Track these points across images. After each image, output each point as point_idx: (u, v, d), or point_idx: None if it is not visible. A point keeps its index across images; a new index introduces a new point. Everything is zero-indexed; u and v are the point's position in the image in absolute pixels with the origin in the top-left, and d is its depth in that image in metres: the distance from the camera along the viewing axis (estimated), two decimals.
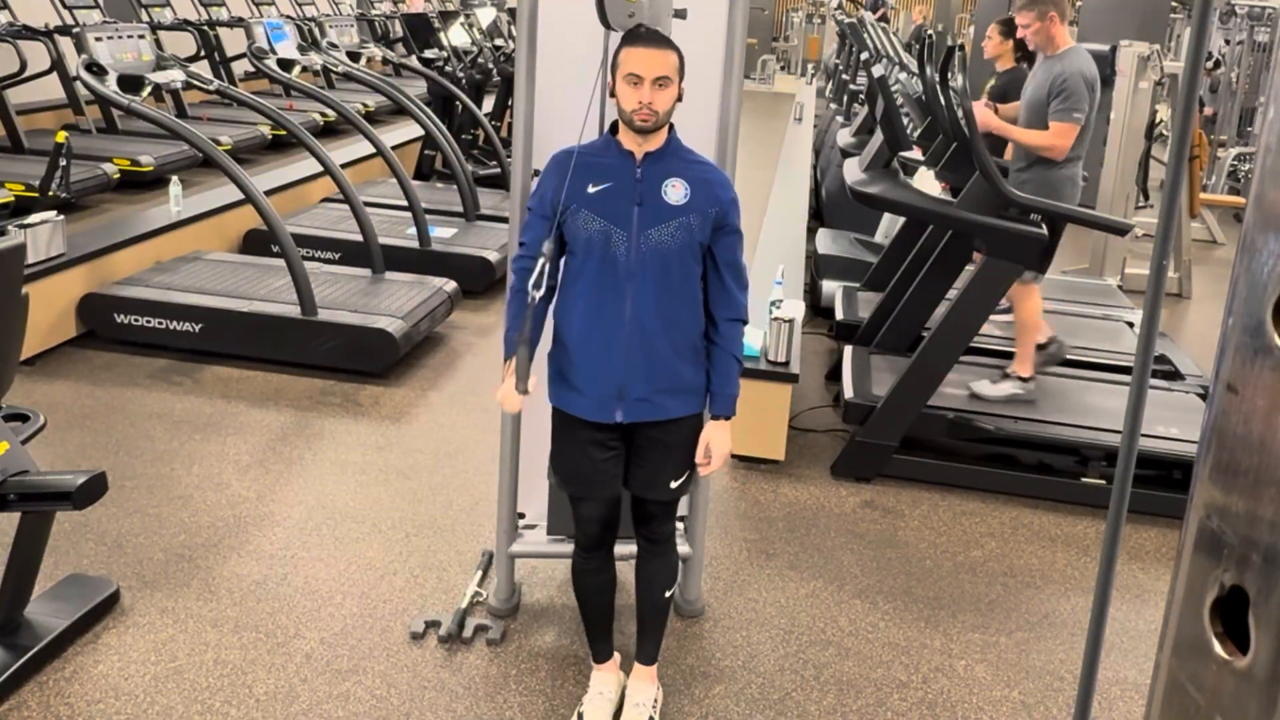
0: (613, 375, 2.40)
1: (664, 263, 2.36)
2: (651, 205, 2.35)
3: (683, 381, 2.44)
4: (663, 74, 2.27)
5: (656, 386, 2.41)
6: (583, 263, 2.38)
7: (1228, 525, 1.02)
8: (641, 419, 2.44)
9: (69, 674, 2.77)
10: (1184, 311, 7.16)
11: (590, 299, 2.38)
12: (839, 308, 5.46)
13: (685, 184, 2.37)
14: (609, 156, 2.40)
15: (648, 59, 2.27)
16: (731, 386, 2.47)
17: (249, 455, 4.06)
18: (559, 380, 2.48)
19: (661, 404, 2.44)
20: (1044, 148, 4.25)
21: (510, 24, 10.67)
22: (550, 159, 2.47)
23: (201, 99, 9.77)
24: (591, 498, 2.55)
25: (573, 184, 2.36)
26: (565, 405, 2.48)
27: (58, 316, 4.96)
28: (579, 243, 2.38)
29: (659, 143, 2.38)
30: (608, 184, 2.36)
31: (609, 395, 2.41)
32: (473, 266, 6.17)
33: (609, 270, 2.36)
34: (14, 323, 2.76)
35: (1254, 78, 12.22)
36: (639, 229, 2.34)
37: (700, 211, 2.36)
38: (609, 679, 2.76)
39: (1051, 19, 4.30)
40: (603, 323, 2.38)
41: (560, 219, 2.38)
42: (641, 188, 2.36)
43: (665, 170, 2.38)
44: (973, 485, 4.16)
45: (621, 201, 2.35)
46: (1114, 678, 3.07)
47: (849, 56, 9.74)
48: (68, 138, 6.33)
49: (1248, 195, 1.05)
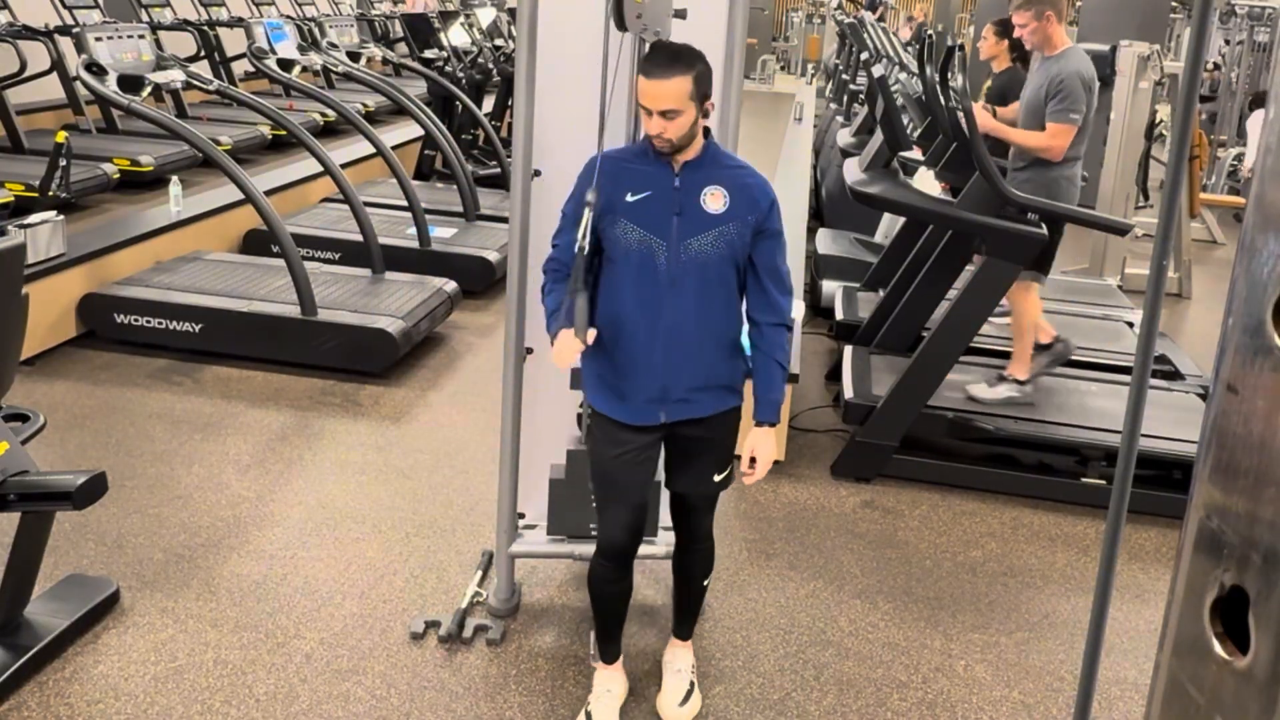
0: (654, 379, 2.41)
1: (703, 271, 2.36)
2: (691, 214, 2.34)
3: (722, 378, 2.47)
4: (669, 107, 2.25)
5: (696, 385, 2.43)
6: (622, 271, 2.38)
7: (1228, 525, 1.02)
8: (684, 417, 2.46)
9: (69, 674, 2.77)
10: (1184, 311, 7.16)
11: (630, 307, 2.38)
12: (839, 308, 5.46)
13: (724, 192, 2.36)
14: (647, 164, 2.39)
15: (653, 92, 2.25)
16: (775, 392, 2.47)
17: (249, 455, 4.06)
18: (600, 386, 2.49)
19: (702, 401, 2.46)
20: (1041, 149, 4.25)
21: (510, 24, 10.67)
22: (587, 163, 2.45)
23: (201, 99, 9.76)
24: (627, 502, 2.55)
25: (611, 190, 2.36)
26: (609, 410, 2.48)
27: (58, 316, 4.96)
28: (618, 251, 2.37)
29: (696, 152, 2.37)
30: (647, 193, 2.36)
31: (652, 398, 2.43)
32: (473, 266, 6.17)
33: (648, 279, 2.36)
34: (14, 323, 2.76)
35: (1254, 78, 12.22)
36: (679, 238, 2.34)
37: (740, 219, 2.36)
38: (616, 678, 2.78)
39: (1049, 18, 4.30)
40: (643, 329, 2.38)
41: (598, 226, 2.37)
42: (680, 196, 2.35)
43: (704, 179, 2.36)
44: (973, 485, 4.16)
45: (661, 211, 2.34)
46: (1114, 678, 3.07)
47: (849, 56, 9.74)
48: (68, 138, 6.33)
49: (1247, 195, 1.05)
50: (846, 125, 7.40)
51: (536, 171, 2.89)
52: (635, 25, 2.54)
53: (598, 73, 2.76)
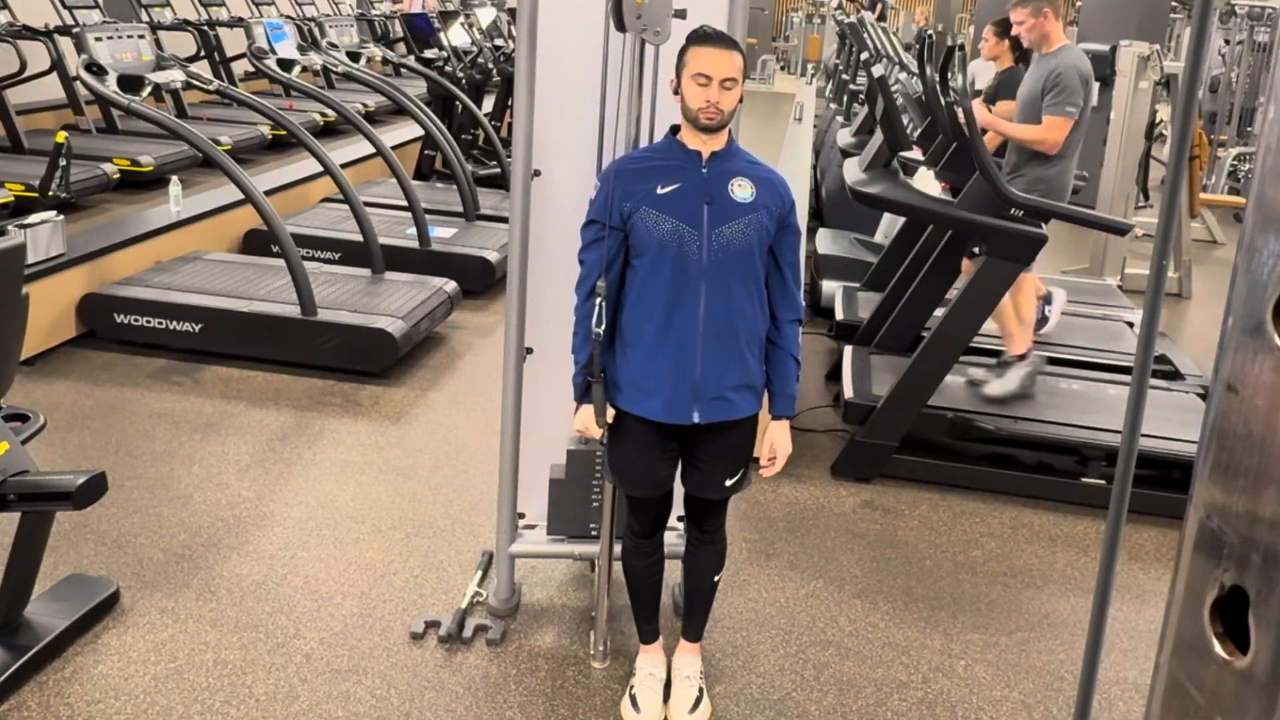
0: (688, 375, 2.41)
1: (735, 260, 2.38)
2: (721, 203, 2.38)
3: (751, 378, 2.48)
4: (730, 75, 2.32)
5: (730, 383, 2.44)
6: (654, 264, 2.39)
7: (1228, 525, 1.02)
8: (717, 419, 2.46)
9: (69, 674, 2.77)
10: (1184, 311, 7.16)
11: (665, 300, 2.39)
12: (839, 308, 5.45)
13: (750, 182, 2.41)
14: (674, 157, 2.43)
15: (716, 60, 2.31)
16: (791, 386, 2.53)
17: (249, 455, 4.06)
18: (628, 384, 2.48)
19: (734, 401, 2.47)
20: (1036, 141, 4.25)
21: (510, 24, 10.67)
22: (604, 173, 2.49)
23: (201, 99, 9.76)
24: (653, 495, 2.62)
25: (640, 187, 2.39)
26: (637, 409, 2.48)
27: (58, 316, 4.96)
28: (650, 244, 2.39)
29: (722, 142, 2.42)
30: (676, 184, 2.39)
31: (684, 396, 2.43)
32: (473, 266, 6.17)
33: (682, 270, 2.37)
34: (14, 323, 2.76)
35: (1254, 78, 12.22)
36: (710, 227, 2.36)
37: (767, 208, 2.41)
38: (657, 659, 2.81)
39: (1046, 15, 4.31)
40: (679, 322, 2.39)
41: (626, 224, 2.40)
42: (709, 186, 2.39)
43: (730, 170, 2.41)
44: (973, 485, 4.15)
45: (692, 200, 2.37)
46: (1114, 678, 3.07)
47: (849, 56, 9.74)
48: (68, 138, 6.32)
49: (1247, 195, 1.05)
50: (846, 125, 7.39)
51: (536, 171, 2.88)
52: (635, 25, 2.54)
53: (598, 73, 2.76)
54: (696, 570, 2.76)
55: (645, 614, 2.81)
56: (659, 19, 2.57)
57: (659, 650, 2.84)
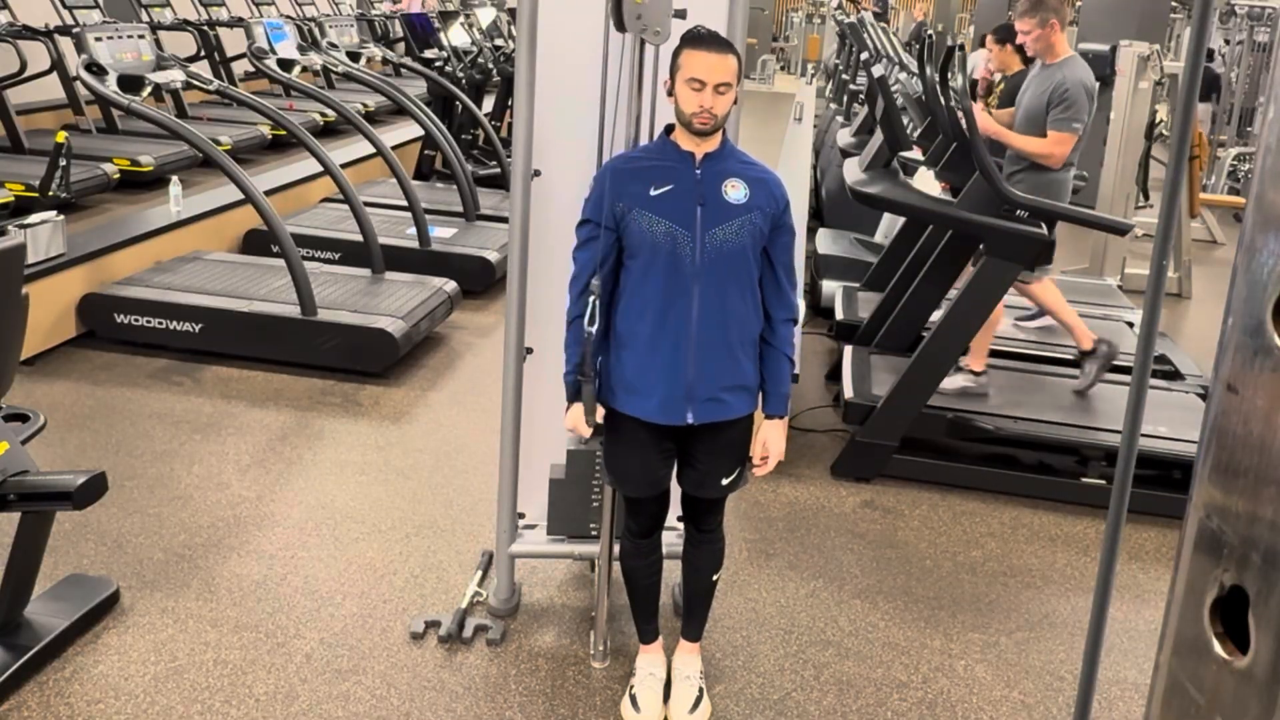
0: (681, 376, 2.42)
1: (728, 262, 2.38)
2: (714, 205, 2.38)
3: (745, 379, 2.48)
4: (725, 80, 2.30)
5: (724, 384, 2.45)
6: (648, 266, 2.39)
7: (1228, 525, 1.02)
8: (711, 419, 2.46)
9: (69, 674, 2.77)
10: (1184, 311, 7.16)
11: (658, 302, 2.40)
12: (839, 308, 5.45)
13: (744, 183, 2.40)
14: (668, 159, 2.42)
15: (710, 64, 2.30)
16: (785, 386, 2.53)
17: (249, 455, 4.06)
18: (621, 385, 2.49)
19: (728, 402, 2.47)
20: (1042, 155, 4.26)
21: (510, 24, 10.67)
22: (598, 174, 2.50)
23: (201, 99, 9.76)
24: (649, 495, 2.62)
25: (634, 188, 2.39)
26: (631, 409, 2.48)
27: (58, 316, 4.96)
28: (644, 246, 2.39)
29: (716, 143, 2.42)
30: (669, 186, 2.38)
31: (678, 397, 2.43)
32: (473, 266, 6.17)
33: (675, 272, 2.37)
34: (14, 323, 2.76)
35: (1254, 78, 12.22)
36: (703, 228, 2.36)
37: (761, 209, 2.40)
38: (657, 659, 2.81)
39: (1052, 26, 4.32)
40: (672, 324, 2.40)
41: (619, 225, 2.40)
42: (702, 188, 2.38)
43: (724, 171, 2.41)
44: (973, 485, 4.15)
45: (685, 202, 2.37)
46: (1114, 678, 3.07)
47: (849, 56, 9.74)
48: (68, 138, 6.32)
49: (1247, 195, 1.05)
50: (846, 125, 7.40)
51: (536, 171, 2.88)
52: (635, 25, 2.54)
53: (598, 73, 2.76)
54: (695, 569, 2.76)
55: (645, 614, 2.81)
56: (659, 19, 2.57)
57: (659, 650, 2.84)
